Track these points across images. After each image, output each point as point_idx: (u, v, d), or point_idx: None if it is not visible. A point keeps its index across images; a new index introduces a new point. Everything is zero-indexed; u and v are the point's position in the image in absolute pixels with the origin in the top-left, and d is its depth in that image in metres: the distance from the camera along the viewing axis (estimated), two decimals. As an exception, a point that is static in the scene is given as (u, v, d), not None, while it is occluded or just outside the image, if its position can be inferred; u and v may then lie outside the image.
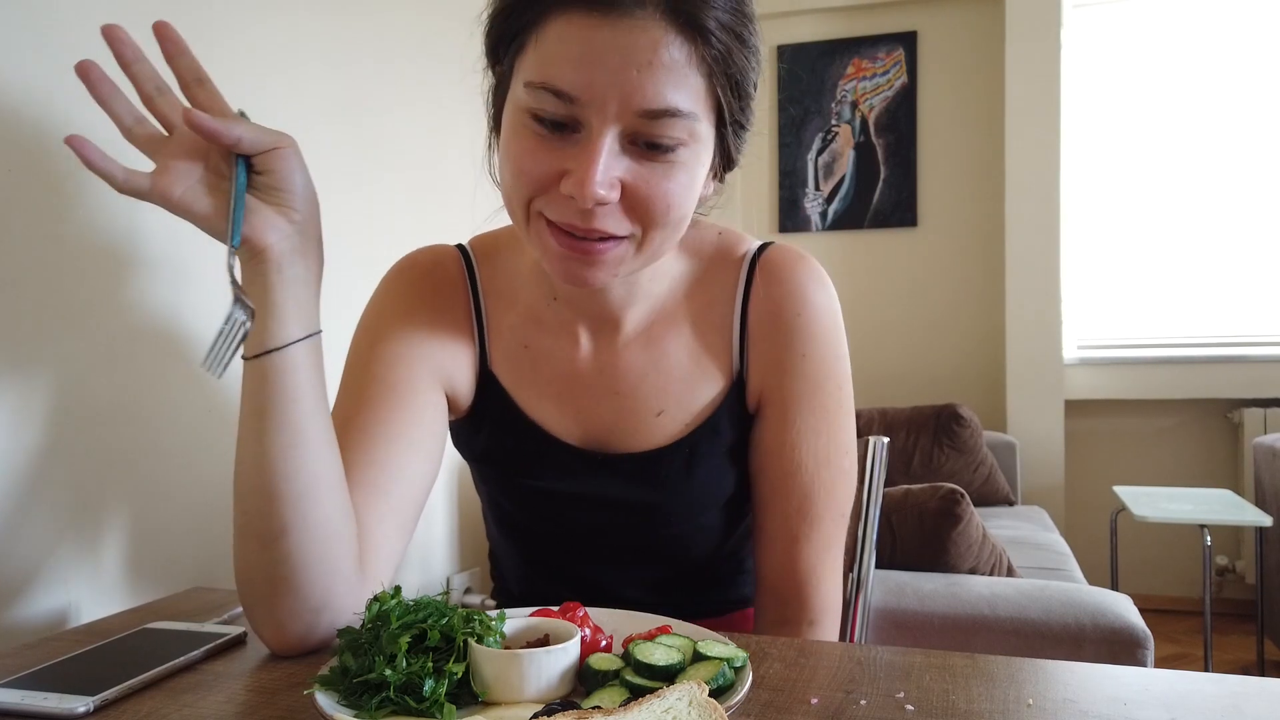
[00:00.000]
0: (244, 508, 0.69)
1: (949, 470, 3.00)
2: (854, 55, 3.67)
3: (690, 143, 0.67)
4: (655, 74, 0.63)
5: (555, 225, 0.68)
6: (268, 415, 0.67)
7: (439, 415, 0.82)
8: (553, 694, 0.59)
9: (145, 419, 1.07)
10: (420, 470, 0.80)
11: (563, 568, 0.91)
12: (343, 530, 0.71)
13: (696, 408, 0.84)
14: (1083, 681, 0.63)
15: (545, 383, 0.85)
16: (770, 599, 0.86)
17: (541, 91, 0.64)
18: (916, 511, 1.73)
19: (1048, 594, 1.56)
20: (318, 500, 0.68)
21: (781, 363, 0.82)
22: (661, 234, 0.69)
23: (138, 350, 1.06)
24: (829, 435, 0.83)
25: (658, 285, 0.84)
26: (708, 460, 0.84)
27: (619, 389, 0.84)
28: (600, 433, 0.85)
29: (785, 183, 3.74)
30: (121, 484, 1.04)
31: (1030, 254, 3.36)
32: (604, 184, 0.64)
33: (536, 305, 0.85)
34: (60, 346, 0.97)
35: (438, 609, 0.62)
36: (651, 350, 0.84)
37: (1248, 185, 3.32)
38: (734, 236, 0.87)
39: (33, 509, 0.94)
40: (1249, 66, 3.31)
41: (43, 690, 0.63)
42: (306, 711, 0.60)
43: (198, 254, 1.14)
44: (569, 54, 0.63)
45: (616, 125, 0.64)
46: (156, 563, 1.09)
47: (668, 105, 0.64)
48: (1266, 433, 3.16)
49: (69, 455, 0.97)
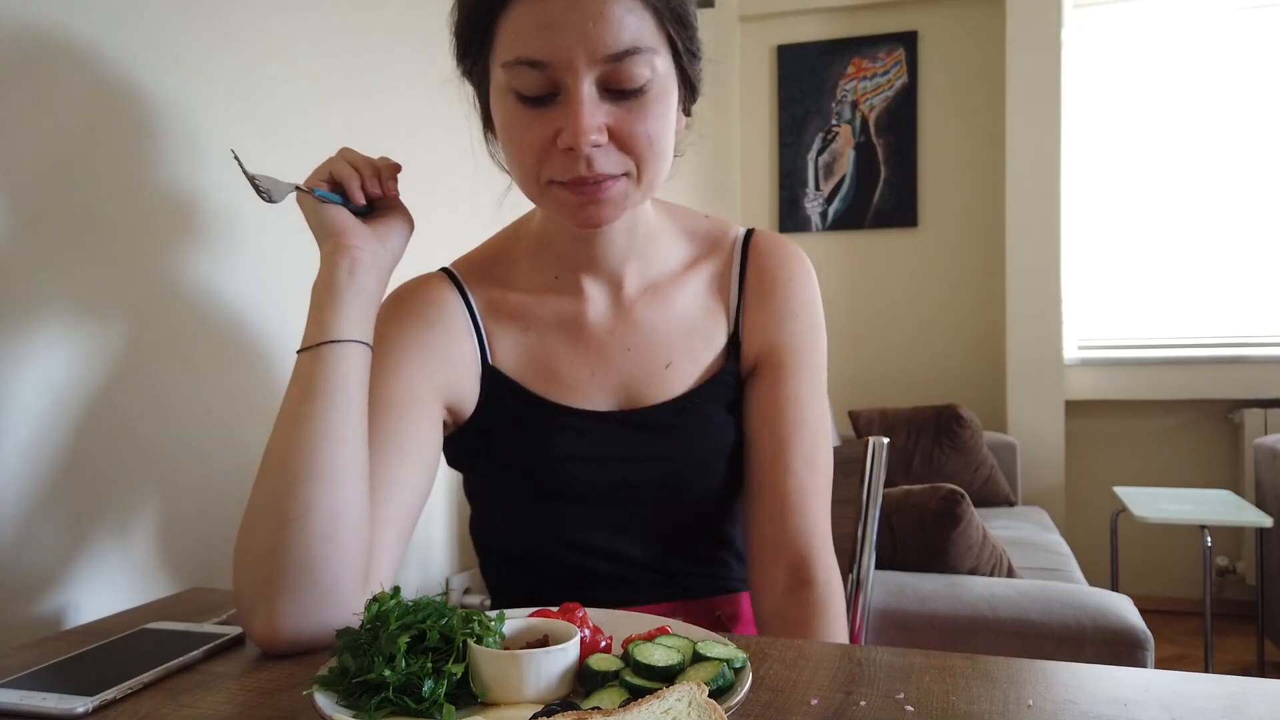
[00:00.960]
0: (271, 486, 0.72)
1: (949, 471, 3.00)
2: (854, 55, 3.67)
3: (655, 77, 0.75)
4: (610, 23, 0.72)
5: (564, 184, 0.76)
6: (316, 399, 0.73)
7: (436, 428, 0.86)
8: (552, 695, 0.59)
9: (145, 419, 1.07)
10: (418, 480, 0.82)
11: (569, 541, 0.90)
12: (360, 523, 0.73)
13: (702, 360, 0.91)
14: (1083, 682, 0.63)
15: (555, 355, 0.90)
16: (777, 566, 0.87)
17: (516, 67, 0.73)
18: (917, 512, 1.73)
19: (1048, 595, 1.55)
20: (344, 488, 0.72)
21: (776, 321, 0.91)
22: (653, 165, 0.78)
23: (138, 350, 1.06)
24: (821, 401, 0.93)
25: (656, 248, 0.92)
26: (715, 410, 0.91)
27: (629, 343, 0.90)
28: (616, 390, 0.90)
29: (785, 183, 3.74)
30: (121, 484, 1.04)
31: (1030, 254, 3.36)
32: (592, 128, 0.73)
33: (538, 288, 0.91)
34: (60, 346, 0.97)
35: (437, 609, 0.62)
36: (658, 305, 0.91)
37: (1248, 185, 3.32)
38: (722, 222, 0.98)
39: (32, 509, 0.94)
40: (1249, 67, 3.31)
41: (42, 690, 0.63)
42: (305, 712, 0.60)
43: (200, 255, 1.14)
44: (531, 28, 0.72)
45: (589, 75, 0.73)
46: (156, 563, 1.09)
47: (628, 45, 0.72)
48: (1267, 433, 3.16)
49: (68, 455, 0.97)
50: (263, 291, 1.23)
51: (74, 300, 0.98)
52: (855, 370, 3.66)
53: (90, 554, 1.01)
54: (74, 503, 0.98)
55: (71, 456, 0.98)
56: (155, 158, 1.08)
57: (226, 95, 1.15)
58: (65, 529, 0.98)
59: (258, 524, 0.71)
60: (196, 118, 1.11)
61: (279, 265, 1.24)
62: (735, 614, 0.96)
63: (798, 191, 3.73)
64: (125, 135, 1.04)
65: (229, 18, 1.17)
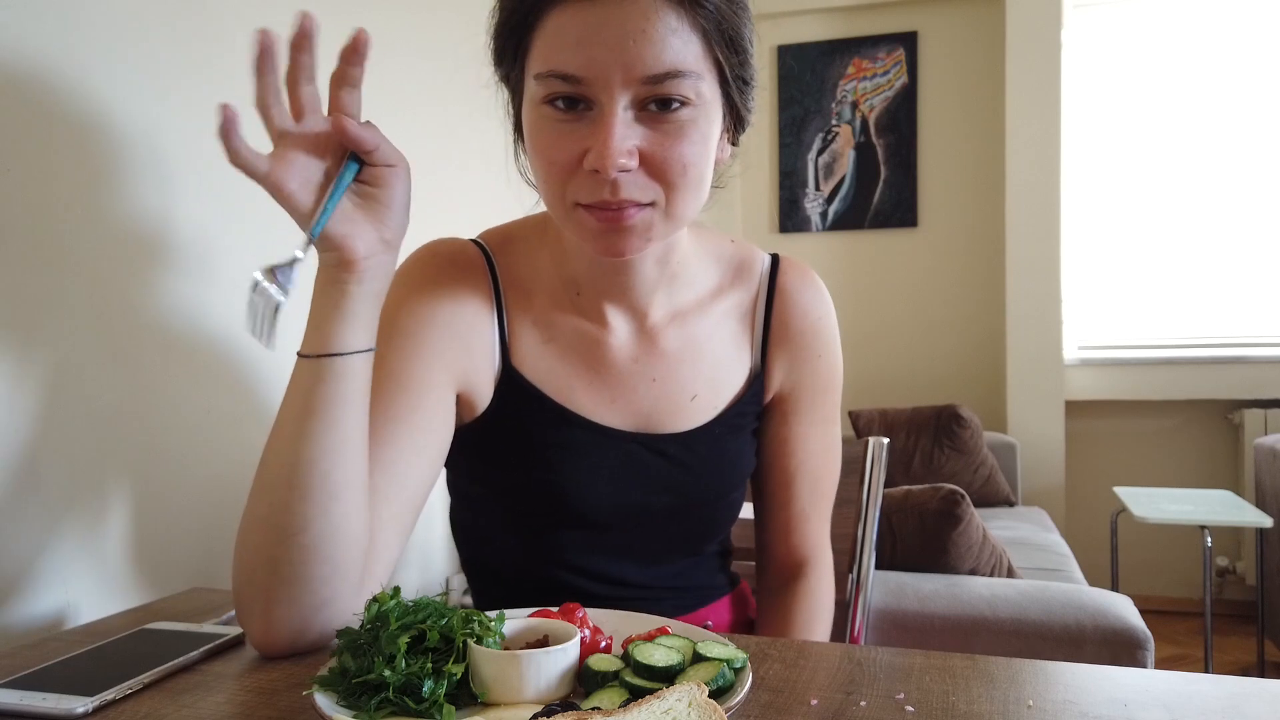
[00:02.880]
0: (269, 499, 0.69)
1: (949, 471, 3.00)
2: (854, 55, 3.66)
3: (696, 102, 0.70)
4: (652, 41, 0.66)
5: (588, 206, 0.72)
6: (317, 415, 0.68)
7: (448, 419, 0.82)
8: (552, 695, 0.59)
9: (145, 419, 1.07)
10: (424, 476, 0.79)
11: (565, 562, 0.88)
12: (359, 535, 0.71)
13: (724, 391, 0.90)
14: (1083, 682, 0.63)
15: (575, 374, 0.86)
16: (781, 574, 0.96)
17: (550, 79, 0.69)
18: (917, 512, 1.73)
19: (1048, 595, 1.55)
20: (344, 503, 0.69)
21: (801, 363, 0.92)
22: (683, 196, 0.72)
23: (138, 350, 1.06)
24: (833, 427, 0.96)
25: (685, 276, 0.88)
26: (736, 438, 0.91)
27: (654, 374, 0.87)
28: (636, 416, 0.87)
29: (785, 183, 3.74)
30: (121, 484, 1.04)
31: (1030, 254, 3.36)
32: (622, 152, 0.68)
33: (559, 298, 0.86)
34: (61, 346, 0.97)
35: (437, 610, 0.62)
36: (684, 334, 0.88)
37: (1248, 186, 3.32)
38: (747, 247, 0.95)
39: (32, 509, 0.94)
40: (1250, 67, 3.30)
41: (42, 691, 0.63)
42: (305, 712, 0.60)
43: (204, 256, 1.14)
44: (568, 40, 0.67)
45: (624, 96, 0.68)
46: (156, 563, 1.09)
47: (669, 68, 0.67)
48: (1267, 433, 3.16)
49: (69, 455, 0.97)
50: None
51: (74, 301, 0.98)
52: (855, 370, 3.66)
53: (90, 554, 1.01)
54: (74, 503, 0.98)
55: (72, 457, 0.98)
56: (155, 163, 1.08)
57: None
58: (66, 529, 0.98)
59: (255, 532, 0.70)
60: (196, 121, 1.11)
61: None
62: (722, 621, 0.96)
63: (798, 192, 3.73)
64: (128, 135, 1.04)
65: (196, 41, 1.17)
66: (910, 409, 3.15)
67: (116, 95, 1.02)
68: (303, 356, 0.69)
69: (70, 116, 0.97)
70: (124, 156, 1.04)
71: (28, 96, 0.93)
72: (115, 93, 1.02)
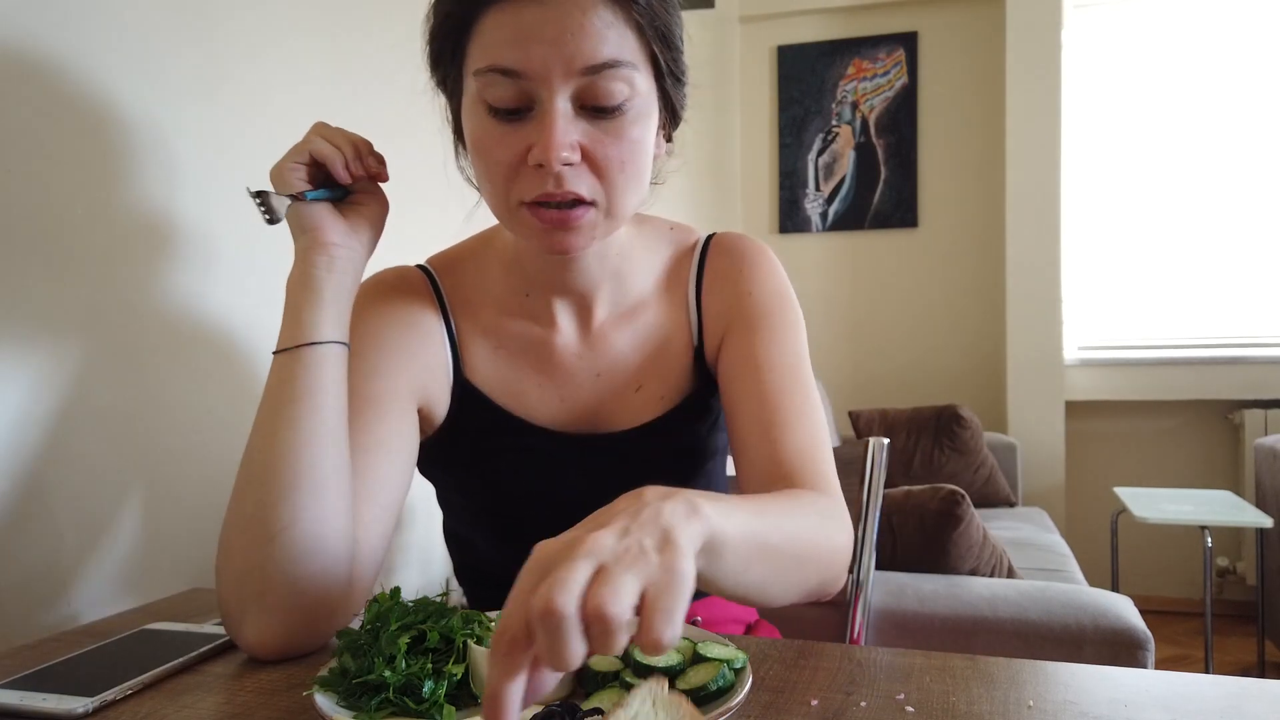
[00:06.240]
0: (254, 497, 0.70)
1: (949, 471, 3.00)
2: (854, 55, 3.67)
3: (634, 96, 0.71)
4: (589, 34, 0.68)
5: (533, 205, 0.72)
6: (296, 403, 0.71)
7: (413, 428, 0.84)
8: (552, 695, 0.59)
9: (145, 420, 1.07)
10: (400, 480, 0.81)
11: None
12: (345, 531, 0.72)
13: (671, 377, 0.89)
14: (1083, 683, 0.63)
15: (524, 377, 0.88)
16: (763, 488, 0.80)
17: (489, 74, 0.69)
18: (917, 512, 1.73)
19: (1048, 595, 1.55)
20: (328, 493, 0.70)
21: (730, 305, 0.87)
22: (623, 193, 0.74)
23: (140, 351, 1.06)
24: (788, 344, 0.85)
25: (628, 268, 0.88)
26: (687, 429, 0.90)
27: (599, 369, 0.88)
28: (585, 414, 0.88)
29: (785, 183, 3.74)
30: (121, 485, 1.04)
31: (1031, 254, 3.36)
32: (565, 145, 0.69)
33: (509, 304, 0.88)
34: (61, 347, 0.97)
35: (437, 610, 0.62)
36: (627, 330, 0.89)
37: (1248, 186, 3.32)
38: (684, 230, 0.95)
39: (32, 509, 0.94)
40: (1250, 67, 3.31)
41: (42, 691, 0.63)
42: (306, 712, 0.60)
43: (205, 257, 1.14)
44: (506, 36, 0.69)
45: (565, 89, 0.69)
46: (156, 564, 1.09)
47: (607, 58, 0.69)
48: (1267, 434, 3.16)
49: (69, 456, 0.97)
50: (264, 291, 1.23)
51: (74, 301, 0.98)
52: (855, 371, 3.66)
53: (90, 554, 1.01)
54: (75, 503, 0.98)
55: (73, 457, 0.98)
56: (160, 161, 1.08)
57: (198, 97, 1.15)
58: (66, 529, 0.98)
59: (243, 534, 0.70)
60: (199, 119, 1.11)
61: (281, 264, 1.24)
62: (715, 616, 0.96)
63: (798, 192, 3.73)
64: (130, 136, 1.04)
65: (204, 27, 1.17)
66: (910, 409, 3.15)
67: (120, 94, 1.02)
68: (278, 353, 0.74)
69: (71, 116, 0.97)
70: (127, 155, 1.04)
71: (30, 94, 0.93)
72: (119, 92, 1.02)
